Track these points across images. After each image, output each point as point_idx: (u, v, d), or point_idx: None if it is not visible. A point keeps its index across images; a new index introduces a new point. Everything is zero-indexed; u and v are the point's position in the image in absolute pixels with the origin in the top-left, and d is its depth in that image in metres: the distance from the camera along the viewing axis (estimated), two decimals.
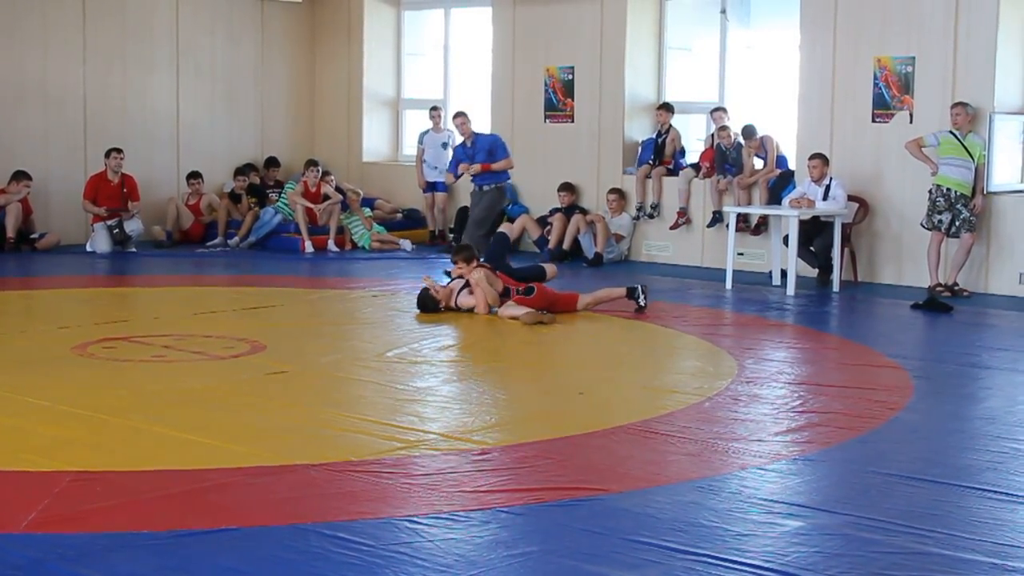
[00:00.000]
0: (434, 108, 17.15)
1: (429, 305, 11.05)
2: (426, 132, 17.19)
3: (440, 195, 17.13)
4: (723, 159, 14.76)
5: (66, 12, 16.09)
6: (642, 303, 11.30)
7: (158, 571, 4.79)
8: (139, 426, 7.01)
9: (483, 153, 14.03)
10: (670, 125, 15.48)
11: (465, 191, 17.04)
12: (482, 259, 11.43)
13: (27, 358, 8.98)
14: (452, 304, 11.10)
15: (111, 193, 15.75)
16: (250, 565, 4.84)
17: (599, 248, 15.14)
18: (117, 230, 15.53)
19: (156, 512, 5.52)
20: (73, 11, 16.16)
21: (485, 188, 14.13)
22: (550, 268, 11.96)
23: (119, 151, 15.78)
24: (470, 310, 11.03)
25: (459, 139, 15.32)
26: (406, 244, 16.48)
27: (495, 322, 10.77)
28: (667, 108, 15.44)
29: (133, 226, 15.73)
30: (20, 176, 15.25)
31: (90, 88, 16.37)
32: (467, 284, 11.09)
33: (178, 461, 6.33)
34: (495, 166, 14.00)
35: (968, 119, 12.69)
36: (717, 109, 15.07)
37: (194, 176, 16.86)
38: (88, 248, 15.60)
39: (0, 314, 10.80)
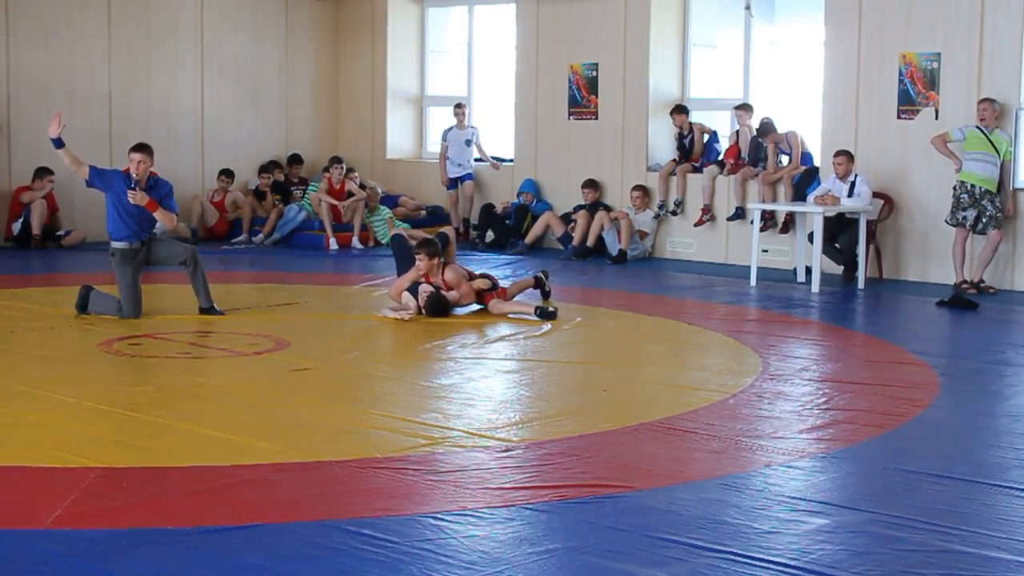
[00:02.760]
0: (458, 105, 17.13)
1: (440, 309, 10.74)
2: (450, 129, 17.18)
3: (467, 183, 17.07)
4: (757, 151, 14.72)
5: (92, 11, 16.15)
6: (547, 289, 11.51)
7: (183, 567, 4.81)
8: (164, 422, 7.03)
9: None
10: (691, 124, 15.45)
11: (492, 185, 17.07)
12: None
13: (53, 355, 9.03)
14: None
15: None
16: (275, 561, 4.85)
17: (623, 245, 15.12)
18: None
19: (181, 508, 5.53)
20: (98, 10, 16.21)
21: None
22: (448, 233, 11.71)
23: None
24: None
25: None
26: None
27: (517, 320, 10.74)
28: (681, 110, 15.40)
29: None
30: (43, 172, 15.32)
31: (115, 86, 16.42)
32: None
33: (203, 457, 6.35)
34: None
35: (995, 115, 12.63)
36: (742, 106, 15.02)
37: (226, 174, 16.91)
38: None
39: (26, 311, 10.84)
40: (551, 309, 10.83)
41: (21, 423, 6.96)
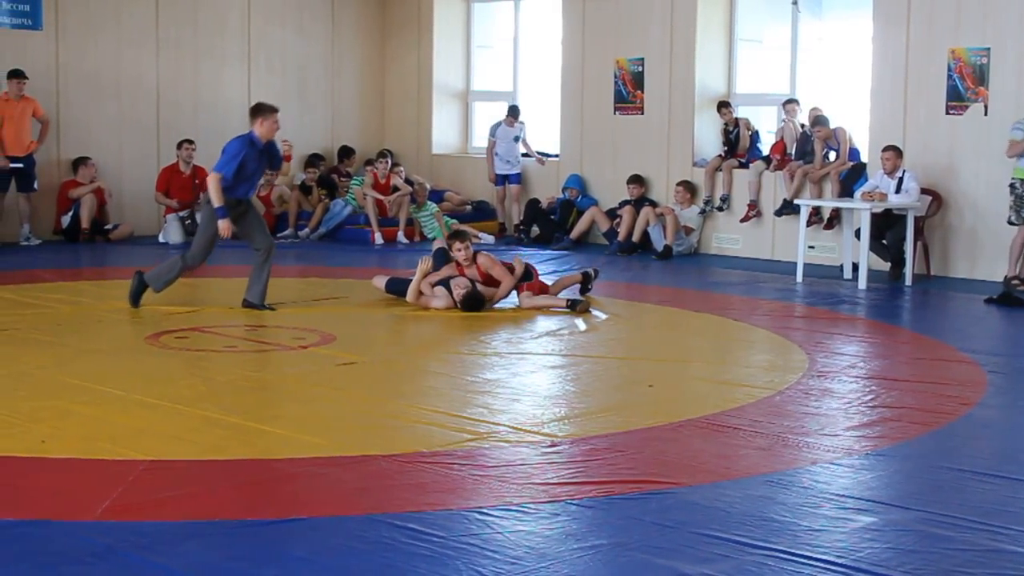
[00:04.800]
0: (513, 111, 16.98)
1: (476, 304, 10.71)
2: (498, 124, 17.13)
3: (513, 187, 17.08)
4: (804, 145, 14.65)
5: (140, 7, 16.26)
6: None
7: (229, 560, 4.83)
8: (211, 416, 7.07)
9: None
10: (736, 119, 15.40)
11: (537, 181, 17.07)
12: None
13: (102, 348, 9.10)
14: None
15: (183, 184, 15.93)
16: (321, 555, 4.87)
17: (668, 241, 15.09)
18: (189, 221, 15.69)
19: (228, 501, 5.57)
20: (146, 6, 16.32)
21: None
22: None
23: (191, 143, 15.98)
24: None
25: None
26: (486, 238, 16.46)
27: (564, 316, 10.74)
28: (727, 105, 15.35)
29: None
30: (82, 161, 15.45)
31: (163, 81, 16.53)
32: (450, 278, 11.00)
33: (249, 451, 6.39)
34: None
35: None
36: (789, 101, 14.96)
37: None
38: (161, 239, 15.77)
39: (75, 304, 10.92)
40: (582, 301, 10.83)
41: (70, 415, 7.01)
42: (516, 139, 16.97)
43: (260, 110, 10.73)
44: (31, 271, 12.90)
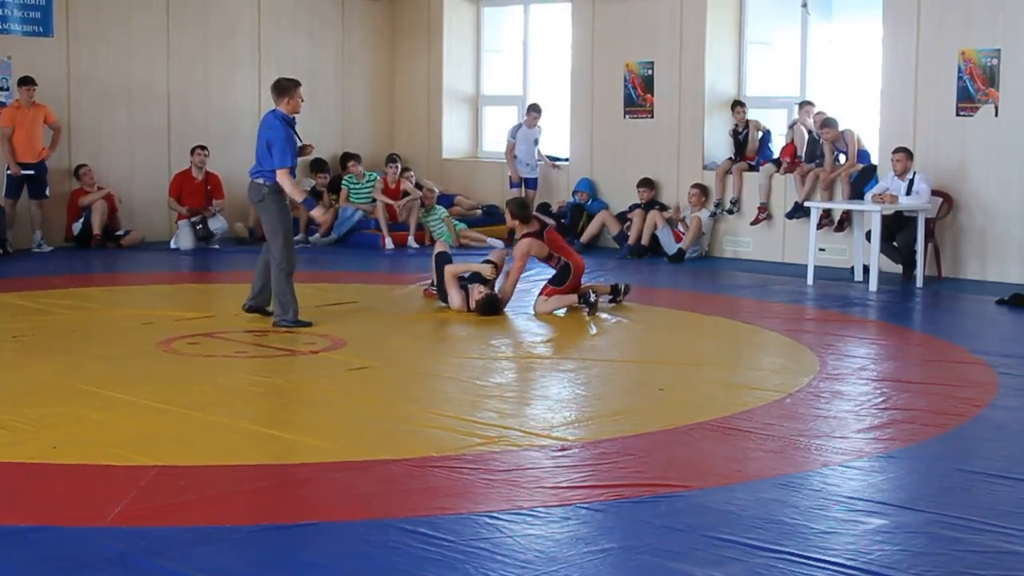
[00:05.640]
0: (534, 108, 16.88)
1: (492, 309, 10.73)
2: (518, 127, 16.99)
3: (530, 192, 17.02)
4: (814, 148, 14.64)
5: (150, 12, 16.29)
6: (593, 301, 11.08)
7: (241, 565, 4.84)
8: (222, 421, 7.08)
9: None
10: (747, 120, 15.39)
11: (548, 184, 17.06)
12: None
13: (113, 354, 9.11)
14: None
15: (195, 190, 15.95)
16: (331, 559, 4.87)
17: (685, 245, 15.07)
18: (201, 227, 15.71)
19: (239, 506, 5.58)
20: (157, 11, 16.35)
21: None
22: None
23: (204, 148, 16.01)
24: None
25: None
26: (495, 242, 16.47)
27: (574, 318, 10.75)
28: (742, 105, 15.34)
29: (217, 223, 15.89)
30: (80, 168, 15.47)
31: (174, 87, 16.56)
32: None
33: (261, 456, 6.40)
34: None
35: None
36: (804, 103, 14.94)
37: None
38: (172, 245, 15.80)
39: (87, 310, 10.95)
40: (592, 299, 10.89)
41: (82, 421, 7.03)
42: (536, 142, 16.86)
43: (285, 87, 10.19)
44: (43, 278, 12.92)
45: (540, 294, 11.13)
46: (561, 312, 10.96)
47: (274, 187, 10.11)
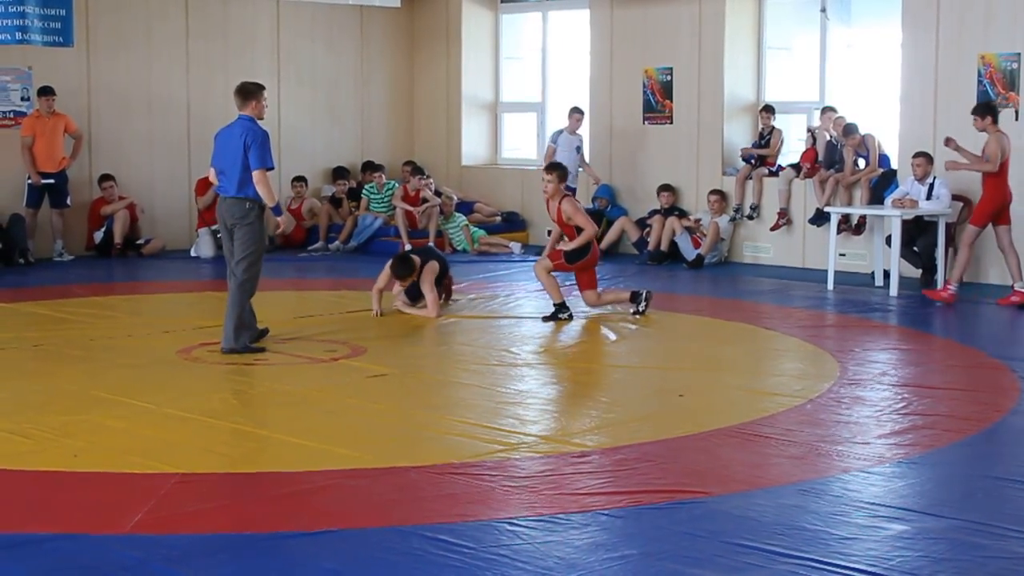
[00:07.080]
0: (577, 110, 16.55)
1: (407, 265, 11.21)
2: (560, 132, 16.47)
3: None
4: (833, 153, 14.60)
5: (170, 23, 16.34)
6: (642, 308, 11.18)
7: (261, 572, 4.85)
8: (242, 429, 7.10)
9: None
10: (772, 127, 15.36)
11: (576, 194, 17.01)
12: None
13: (134, 362, 9.13)
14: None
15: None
16: (352, 567, 4.88)
17: (705, 251, 15.05)
18: (221, 235, 15.70)
19: (259, 514, 5.58)
20: (177, 21, 16.41)
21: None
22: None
23: None
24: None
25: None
26: (516, 247, 16.45)
27: (594, 325, 10.74)
28: (769, 110, 15.31)
29: None
30: (104, 179, 15.52)
31: (193, 96, 16.60)
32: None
33: (280, 463, 6.41)
34: None
35: None
36: (827, 109, 14.89)
37: (298, 180, 17.06)
38: (192, 253, 15.84)
39: (107, 318, 10.98)
40: (643, 305, 11.06)
41: (102, 430, 7.05)
42: (578, 149, 16.45)
43: (251, 91, 9.74)
44: (64, 286, 12.98)
45: (583, 291, 11.15)
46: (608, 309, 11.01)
47: (256, 203, 9.47)
